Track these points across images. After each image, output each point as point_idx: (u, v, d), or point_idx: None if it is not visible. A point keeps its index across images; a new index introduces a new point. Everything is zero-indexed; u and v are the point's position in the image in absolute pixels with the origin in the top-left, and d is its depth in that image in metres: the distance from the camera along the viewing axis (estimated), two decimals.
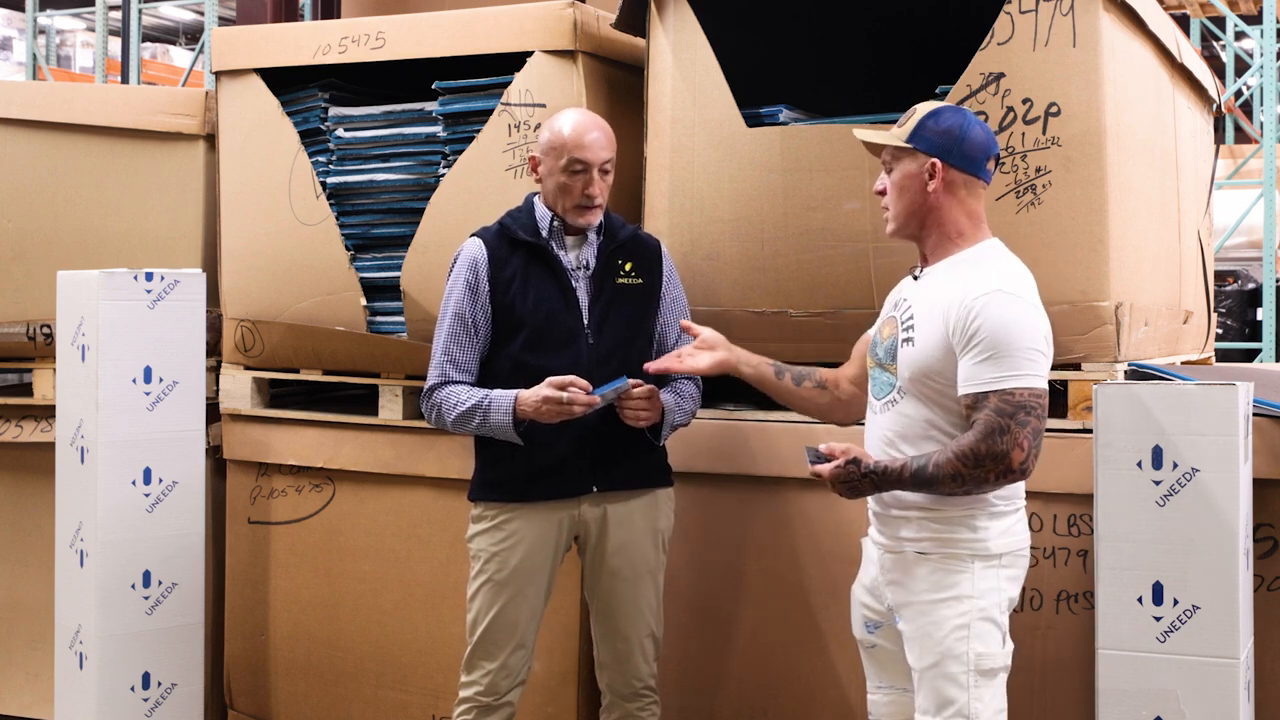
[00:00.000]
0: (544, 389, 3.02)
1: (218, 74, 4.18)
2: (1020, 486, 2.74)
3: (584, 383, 3.02)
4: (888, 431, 2.75)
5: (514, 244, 3.20)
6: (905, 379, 2.71)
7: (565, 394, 3.00)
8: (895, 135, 2.75)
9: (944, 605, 2.66)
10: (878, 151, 2.83)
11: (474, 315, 3.17)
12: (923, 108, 2.76)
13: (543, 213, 3.22)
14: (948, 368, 2.64)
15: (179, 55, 17.79)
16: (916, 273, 2.80)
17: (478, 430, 3.15)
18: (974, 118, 2.76)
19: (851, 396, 3.02)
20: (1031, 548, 2.78)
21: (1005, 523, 2.70)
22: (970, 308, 2.61)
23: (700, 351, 3.07)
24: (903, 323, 2.75)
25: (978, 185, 2.75)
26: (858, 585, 2.90)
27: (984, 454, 2.55)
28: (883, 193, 2.80)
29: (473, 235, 3.25)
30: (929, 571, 2.68)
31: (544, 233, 3.20)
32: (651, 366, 3.09)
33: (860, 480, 2.68)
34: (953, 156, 2.71)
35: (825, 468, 2.70)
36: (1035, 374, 2.60)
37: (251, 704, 4.15)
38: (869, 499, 2.81)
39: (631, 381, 3.07)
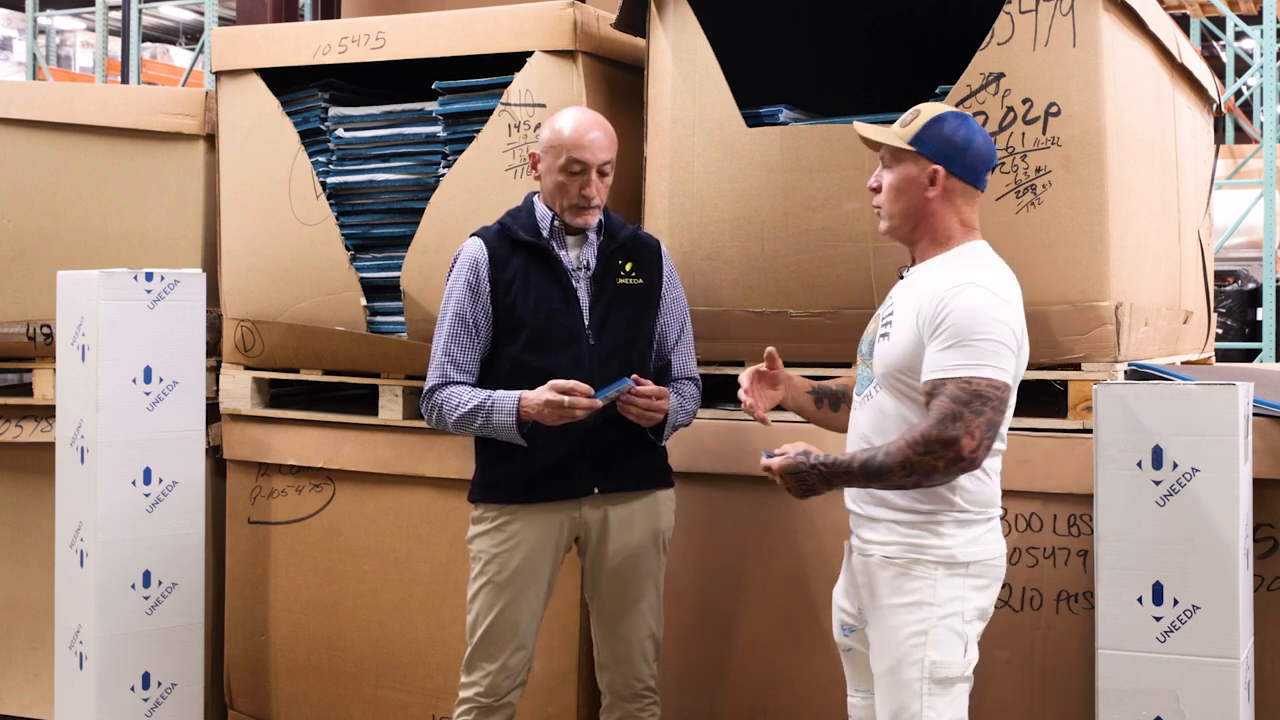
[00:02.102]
0: (546, 392, 3.01)
1: (218, 74, 4.18)
2: (995, 495, 2.70)
3: (586, 388, 3.01)
4: (863, 427, 2.72)
5: (514, 244, 3.19)
6: (880, 373, 2.69)
7: (567, 399, 3.00)
8: (898, 135, 2.72)
9: (904, 610, 2.62)
10: (876, 148, 2.80)
11: (474, 315, 3.17)
12: (927, 110, 2.73)
13: (543, 212, 3.21)
14: (918, 361, 2.61)
15: (179, 55, 17.79)
16: (904, 272, 2.80)
17: (479, 431, 3.14)
18: (977, 126, 2.73)
19: None
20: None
21: (974, 531, 2.65)
22: (942, 298, 2.58)
23: (765, 391, 2.93)
24: (883, 319, 2.74)
25: (974, 194, 2.73)
26: (837, 589, 2.88)
27: (934, 439, 2.49)
28: (876, 189, 2.76)
29: (473, 235, 3.25)
30: (892, 576, 2.65)
31: (544, 233, 3.19)
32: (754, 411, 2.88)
33: (808, 472, 2.61)
34: (955, 165, 2.68)
35: (775, 460, 2.64)
36: (997, 366, 2.54)
37: (251, 704, 4.15)
38: (848, 503, 2.78)
39: (635, 378, 3.06)
